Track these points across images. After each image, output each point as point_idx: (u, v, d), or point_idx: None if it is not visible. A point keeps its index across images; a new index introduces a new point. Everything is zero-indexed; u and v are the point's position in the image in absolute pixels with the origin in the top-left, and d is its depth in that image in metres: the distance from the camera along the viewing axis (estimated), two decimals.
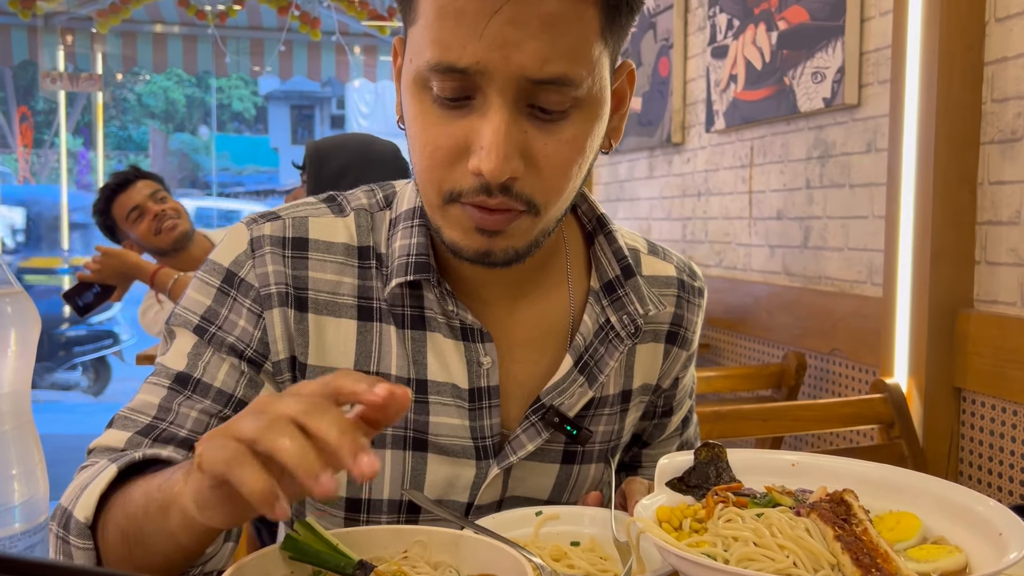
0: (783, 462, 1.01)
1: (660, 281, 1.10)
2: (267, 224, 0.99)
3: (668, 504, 0.92)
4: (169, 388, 0.95)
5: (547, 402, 1.01)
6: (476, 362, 1.00)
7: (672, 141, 3.41)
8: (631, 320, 1.03)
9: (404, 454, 1.00)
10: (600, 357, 1.03)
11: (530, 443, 1.01)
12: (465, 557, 0.83)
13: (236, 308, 0.97)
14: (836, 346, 2.38)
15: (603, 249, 1.06)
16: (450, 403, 0.99)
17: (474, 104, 0.84)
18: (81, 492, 0.85)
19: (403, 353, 0.99)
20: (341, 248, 1.00)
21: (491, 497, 1.03)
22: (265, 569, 0.79)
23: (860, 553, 0.80)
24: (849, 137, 2.39)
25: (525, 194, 0.86)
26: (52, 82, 7.04)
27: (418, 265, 0.97)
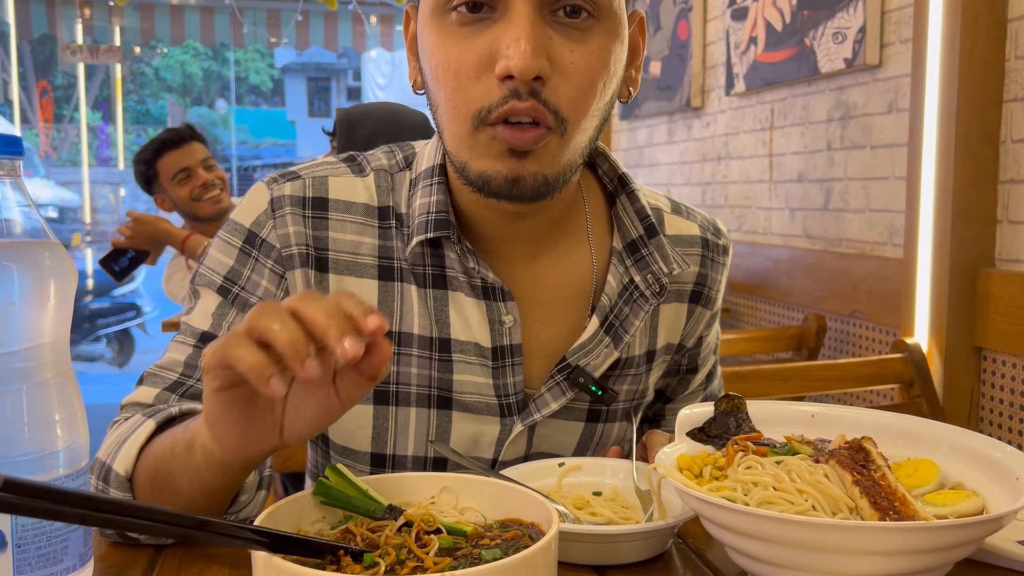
0: (803, 413, 1.02)
1: (684, 240, 1.10)
2: (287, 184, 1.00)
3: (689, 453, 0.93)
4: (195, 347, 0.97)
5: (573, 362, 1.01)
6: (498, 321, 1.00)
7: (691, 105, 3.39)
8: (656, 279, 1.02)
9: (429, 412, 1.01)
10: (625, 317, 1.03)
11: (554, 402, 1.02)
12: (491, 503, 0.84)
13: (258, 268, 0.98)
14: (856, 308, 2.38)
15: (625, 209, 1.05)
16: (474, 361, 1.00)
17: (496, 16, 0.85)
18: (119, 446, 0.88)
19: (425, 312, 0.99)
20: (361, 208, 1.00)
21: (515, 454, 1.04)
22: (298, 513, 0.81)
23: (878, 497, 0.81)
24: (870, 98, 2.37)
25: (553, 102, 0.85)
26: (72, 55, 7.07)
27: (438, 222, 0.96)
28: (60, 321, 0.71)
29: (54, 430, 0.70)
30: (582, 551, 0.90)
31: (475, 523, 0.82)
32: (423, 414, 1.01)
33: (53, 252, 0.70)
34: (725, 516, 0.78)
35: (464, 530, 0.79)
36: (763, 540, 0.77)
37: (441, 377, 1.00)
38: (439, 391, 1.01)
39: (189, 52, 25.27)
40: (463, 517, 0.83)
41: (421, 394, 1.01)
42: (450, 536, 0.78)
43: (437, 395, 1.01)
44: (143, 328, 8.46)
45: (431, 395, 1.01)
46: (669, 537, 0.93)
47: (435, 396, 1.01)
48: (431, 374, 1.00)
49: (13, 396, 0.67)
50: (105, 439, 0.93)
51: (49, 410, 0.70)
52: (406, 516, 0.79)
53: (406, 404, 1.01)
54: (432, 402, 1.01)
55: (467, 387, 1.01)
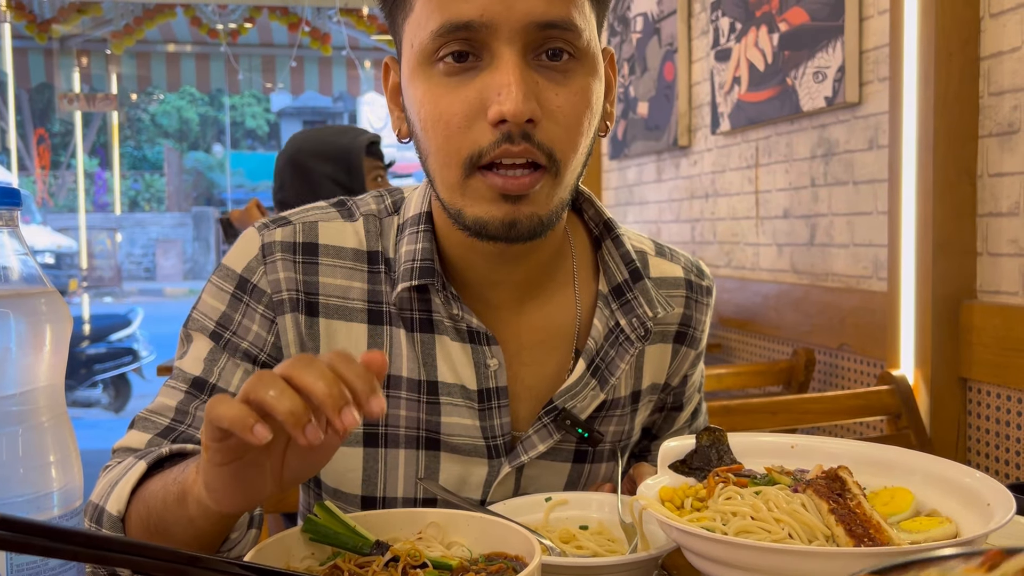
0: (783, 445, 1.04)
1: (668, 283, 1.11)
2: (278, 229, 1.01)
3: (671, 485, 0.95)
4: (186, 392, 0.98)
5: (560, 404, 1.03)
6: (483, 364, 1.01)
7: (679, 144, 3.44)
8: (640, 323, 1.04)
9: (417, 453, 1.02)
10: (611, 360, 1.04)
11: (542, 444, 1.03)
12: (477, 537, 0.86)
13: (249, 314, 1.00)
14: (844, 341, 2.40)
15: (611, 253, 1.06)
16: (460, 403, 1.01)
17: (482, 64, 0.87)
18: (111, 488, 0.89)
19: (413, 355, 1.01)
20: (351, 253, 1.02)
21: (503, 494, 1.05)
22: (287, 550, 0.82)
23: (853, 525, 0.83)
24: (852, 135, 2.42)
25: (546, 144, 0.87)
26: (69, 103, 7.15)
27: (423, 270, 0.98)
28: (55, 366, 0.73)
29: (49, 472, 0.72)
30: None
31: (461, 557, 0.83)
32: (412, 456, 1.02)
33: (49, 299, 0.73)
34: (705, 546, 0.80)
35: (450, 564, 0.80)
36: (742, 569, 0.78)
37: (429, 419, 1.01)
38: (427, 432, 1.02)
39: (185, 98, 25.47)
40: (449, 552, 0.85)
41: (410, 436, 1.02)
42: (436, 570, 0.79)
43: (425, 436, 1.02)
44: (140, 373, 8.43)
45: (419, 436, 1.02)
46: (653, 568, 0.95)
47: (423, 438, 1.02)
48: (419, 416, 1.01)
49: (9, 439, 0.69)
50: (97, 483, 0.94)
51: (44, 452, 0.71)
52: (393, 551, 0.81)
53: (395, 446, 1.02)
54: (420, 443, 1.02)
55: (455, 429, 1.02)
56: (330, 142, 2.49)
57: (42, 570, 0.69)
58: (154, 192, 24.82)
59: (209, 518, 0.80)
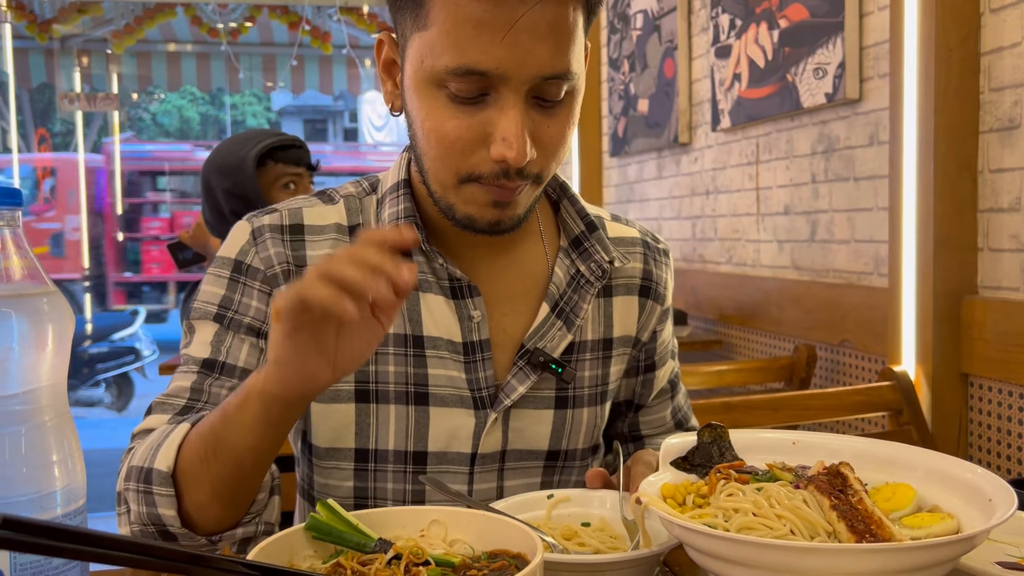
0: (784, 441, 1.04)
1: (625, 242, 1.21)
2: (266, 216, 1.10)
3: (672, 482, 0.95)
4: (198, 373, 1.05)
5: (530, 347, 1.10)
6: (467, 316, 1.09)
7: (679, 141, 3.44)
8: (598, 266, 1.13)
9: (407, 408, 1.08)
10: (575, 303, 1.13)
11: (520, 386, 1.10)
12: (479, 535, 0.86)
13: (247, 291, 1.07)
14: (845, 337, 2.41)
15: (568, 211, 1.17)
16: (446, 356, 1.08)
17: (488, 100, 0.94)
18: (154, 450, 0.95)
19: (398, 312, 1.08)
20: (333, 228, 1.10)
21: (492, 446, 1.10)
22: (290, 548, 0.83)
23: (855, 520, 0.83)
24: (852, 131, 2.42)
25: (534, 172, 0.98)
26: (70, 103, 7.15)
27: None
28: (58, 365, 0.74)
29: (52, 471, 0.72)
30: None
31: (463, 555, 0.83)
32: (402, 411, 1.08)
33: (51, 299, 0.73)
34: (706, 542, 0.80)
35: (452, 561, 0.80)
36: (744, 565, 0.78)
37: (417, 372, 1.08)
38: (416, 387, 1.08)
39: (186, 97, 25.48)
40: (452, 549, 0.85)
41: (399, 391, 1.08)
42: (438, 568, 0.79)
43: (414, 391, 1.08)
44: (142, 372, 8.45)
45: (408, 391, 1.08)
46: (655, 565, 0.95)
47: (412, 392, 1.08)
48: (407, 371, 1.08)
49: (12, 438, 0.70)
50: (132, 454, 1.00)
51: (47, 451, 0.72)
52: (395, 549, 0.81)
53: (386, 401, 1.08)
54: (410, 398, 1.08)
55: (441, 380, 1.08)
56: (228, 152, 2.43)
57: (45, 569, 0.70)
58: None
59: (269, 417, 0.88)
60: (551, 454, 1.15)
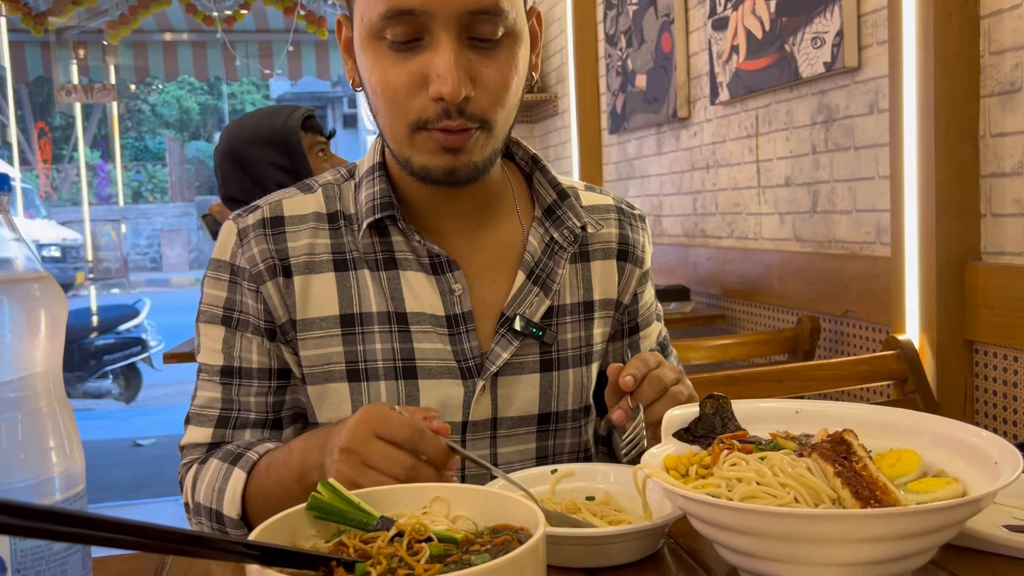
0: (787, 410, 1.03)
1: (599, 209, 1.25)
2: (249, 215, 1.15)
3: (675, 453, 0.95)
4: (221, 384, 1.13)
5: (510, 314, 1.14)
6: (448, 290, 1.13)
7: (678, 116, 3.42)
8: (570, 232, 1.17)
9: (397, 383, 1.12)
10: (550, 269, 1.17)
11: (504, 352, 1.13)
12: (482, 510, 0.86)
13: (243, 291, 1.13)
14: (849, 308, 2.40)
15: (540, 182, 1.21)
16: (431, 330, 1.12)
17: (423, 44, 0.99)
18: (217, 493, 1.06)
19: (380, 291, 1.12)
20: (312, 216, 1.15)
21: (483, 414, 1.14)
22: (292, 528, 0.82)
23: (860, 487, 0.83)
24: (851, 100, 2.40)
25: (478, 113, 1.02)
26: (67, 95, 7.13)
27: (383, 205, 1.11)
28: (52, 351, 0.73)
29: (49, 457, 0.72)
30: (573, 554, 0.91)
31: (466, 531, 0.83)
32: (392, 386, 1.11)
33: (43, 284, 0.72)
34: (709, 512, 0.80)
35: (455, 537, 0.80)
36: (748, 534, 0.78)
37: (403, 348, 1.12)
38: (403, 362, 1.12)
39: (185, 87, 25.43)
40: (455, 525, 0.85)
41: (388, 367, 1.12)
42: (441, 544, 0.78)
43: (402, 366, 1.12)
44: (149, 362, 8.46)
45: (396, 367, 1.12)
46: (660, 537, 0.95)
47: (401, 367, 1.12)
48: (394, 347, 1.12)
49: (8, 424, 0.69)
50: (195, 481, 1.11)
51: (44, 437, 0.71)
52: (398, 526, 0.81)
53: (376, 379, 1.12)
54: (399, 373, 1.12)
55: (428, 354, 1.12)
56: (264, 126, 2.40)
57: (46, 555, 0.70)
58: (157, 183, 24.83)
59: None
60: (542, 418, 1.19)
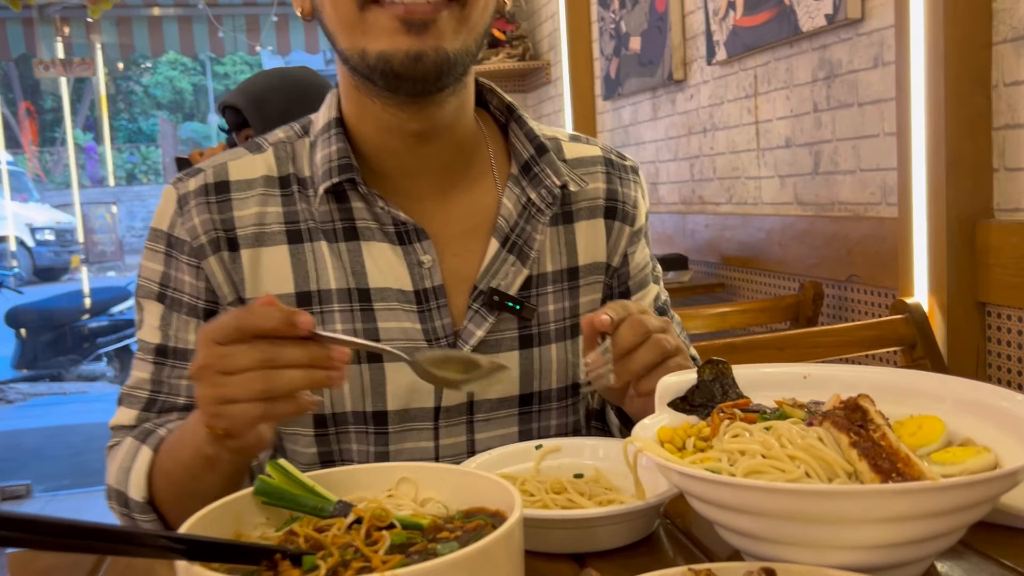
0: (794, 375, 0.96)
1: (585, 162, 1.12)
2: (191, 180, 1.03)
3: (670, 424, 0.87)
4: (154, 363, 1.04)
5: (483, 287, 1.03)
6: (416, 262, 1.01)
7: (674, 78, 3.32)
8: (548, 192, 1.05)
9: (360, 367, 1.01)
10: (528, 235, 1.05)
11: (479, 330, 1.02)
12: (453, 492, 0.79)
13: (179, 267, 1.02)
14: (853, 272, 2.31)
15: (516, 135, 1.08)
16: (397, 307, 1.01)
17: None
18: (126, 474, 0.96)
19: (339, 265, 1.01)
20: (260, 181, 1.03)
21: (457, 398, 1.04)
22: (236, 516, 0.74)
23: (879, 459, 0.74)
24: (855, 54, 2.30)
25: None
26: (45, 69, 7.03)
27: (341, 167, 0.98)
28: None
29: None
30: (558, 539, 0.83)
31: (435, 515, 0.75)
32: (354, 370, 1.01)
33: None
34: (709, 490, 0.72)
35: (420, 523, 0.73)
36: (753, 514, 0.70)
37: (366, 328, 1.01)
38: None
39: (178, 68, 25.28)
40: (423, 509, 0.77)
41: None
42: (404, 531, 0.71)
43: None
44: None
45: (359, 350, 1.00)
46: (654, 518, 0.87)
47: (364, 351, 1.00)
48: (355, 327, 1.01)
49: None
50: (109, 464, 1.01)
51: None
52: (356, 512, 0.73)
53: None
54: (362, 356, 1.01)
55: (394, 334, 1.01)
56: (294, 79, 2.32)
57: None
58: (151, 164, 24.71)
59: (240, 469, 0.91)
60: (524, 399, 1.08)
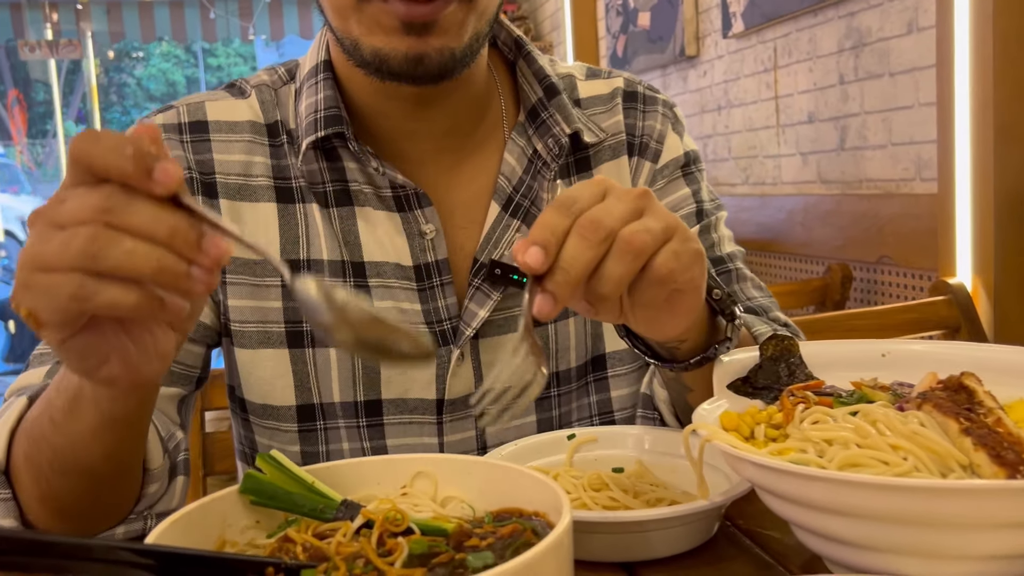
0: (871, 353, 0.83)
1: (602, 99, 0.98)
2: (159, 115, 0.91)
3: (734, 410, 0.73)
4: None
5: (484, 259, 0.89)
6: (417, 233, 0.88)
7: (686, 54, 3.20)
8: (555, 142, 0.90)
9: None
10: (535, 194, 0.91)
11: (481, 309, 0.89)
12: (481, 489, 0.66)
13: None
14: (884, 253, 2.19)
15: (524, 74, 0.94)
16: (394, 285, 0.88)
17: None
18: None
19: (331, 234, 0.88)
20: (247, 126, 0.90)
21: (464, 389, 0.91)
22: (220, 519, 0.61)
23: (999, 448, 0.61)
24: (886, 20, 2.17)
25: None
26: (31, 51, 6.89)
27: (328, 119, 0.85)
28: None
29: None
30: (604, 545, 0.71)
31: (460, 517, 0.63)
32: (344, 354, 0.88)
33: None
34: (796, 486, 0.59)
35: (444, 528, 0.60)
36: (852, 516, 0.58)
37: None
38: None
39: (171, 60, 25.13)
40: (444, 511, 0.66)
41: None
42: (425, 538, 0.58)
43: None
44: None
45: None
46: (715, 520, 0.73)
47: None
48: None
49: None
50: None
51: None
52: (365, 514, 0.61)
53: (324, 345, 0.89)
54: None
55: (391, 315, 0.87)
56: None
57: None
58: None
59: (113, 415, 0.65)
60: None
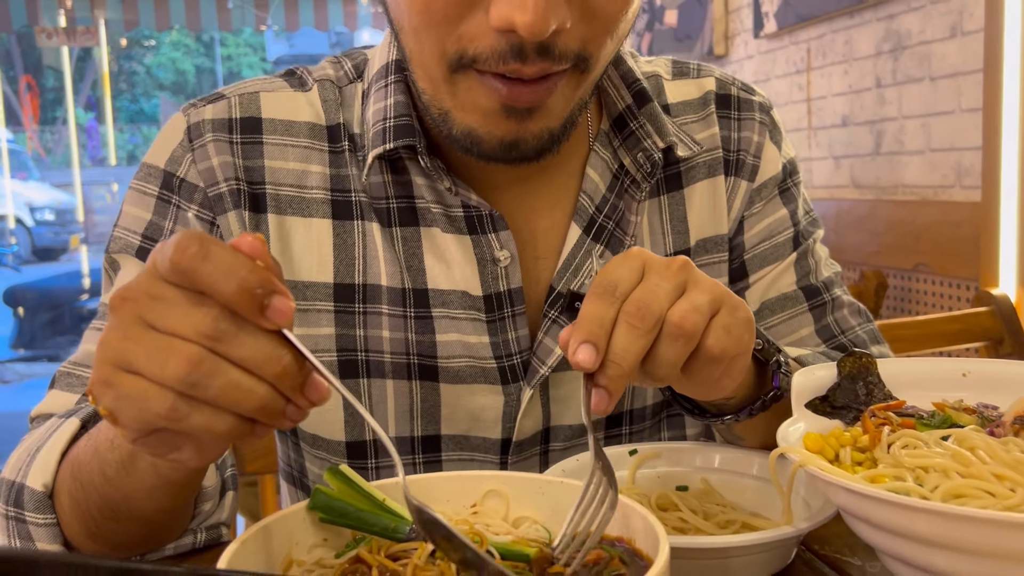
0: (951, 372, 0.80)
1: (691, 106, 0.88)
2: (208, 107, 0.82)
3: (816, 431, 0.70)
4: None
5: (562, 289, 0.81)
6: (490, 259, 0.80)
7: (714, 53, 3.16)
8: (647, 157, 0.81)
9: (410, 384, 0.81)
10: (621, 215, 0.83)
11: (558, 347, 0.80)
12: (555, 511, 0.62)
13: (181, 217, 0.80)
14: (921, 261, 2.15)
15: (609, 78, 0.84)
16: (461, 316, 0.81)
17: None
18: (31, 456, 0.70)
19: (393, 258, 0.80)
20: (305, 129, 0.82)
21: (533, 428, 0.84)
22: (287, 537, 0.58)
23: None
24: (927, 23, 2.12)
25: (573, 48, 0.67)
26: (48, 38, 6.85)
27: (399, 128, 0.76)
28: None
29: None
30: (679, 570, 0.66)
31: (538, 540, 0.59)
32: (402, 387, 0.82)
33: None
34: (900, 517, 0.56)
35: (526, 553, 0.56)
36: (958, 551, 0.55)
37: (420, 340, 0.81)
38: (420, 358, 0.81)
39: (180, 49, 25.11)
40: (519, 532, 0.61)
41: (398, 363, 0.81)
42: (507, 562, 0.55)
43: (418, 363, 0.81)
44: None
45: (411, 364, 0.81)
46: (795, 546, 0.70)
47: (416, 365, 0.81)
48: (407, 336, 0.81)
49: None
50: (13, 454, 0.74)
51: None
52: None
53: (380, 375, 0.82)
54: (413, 372, 0.82)
55: (455, 349, 0.81)
56: None
57: None
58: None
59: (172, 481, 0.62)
60: (612, 420, 0.87)
